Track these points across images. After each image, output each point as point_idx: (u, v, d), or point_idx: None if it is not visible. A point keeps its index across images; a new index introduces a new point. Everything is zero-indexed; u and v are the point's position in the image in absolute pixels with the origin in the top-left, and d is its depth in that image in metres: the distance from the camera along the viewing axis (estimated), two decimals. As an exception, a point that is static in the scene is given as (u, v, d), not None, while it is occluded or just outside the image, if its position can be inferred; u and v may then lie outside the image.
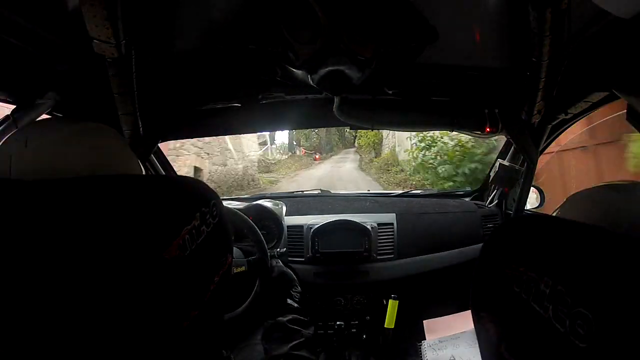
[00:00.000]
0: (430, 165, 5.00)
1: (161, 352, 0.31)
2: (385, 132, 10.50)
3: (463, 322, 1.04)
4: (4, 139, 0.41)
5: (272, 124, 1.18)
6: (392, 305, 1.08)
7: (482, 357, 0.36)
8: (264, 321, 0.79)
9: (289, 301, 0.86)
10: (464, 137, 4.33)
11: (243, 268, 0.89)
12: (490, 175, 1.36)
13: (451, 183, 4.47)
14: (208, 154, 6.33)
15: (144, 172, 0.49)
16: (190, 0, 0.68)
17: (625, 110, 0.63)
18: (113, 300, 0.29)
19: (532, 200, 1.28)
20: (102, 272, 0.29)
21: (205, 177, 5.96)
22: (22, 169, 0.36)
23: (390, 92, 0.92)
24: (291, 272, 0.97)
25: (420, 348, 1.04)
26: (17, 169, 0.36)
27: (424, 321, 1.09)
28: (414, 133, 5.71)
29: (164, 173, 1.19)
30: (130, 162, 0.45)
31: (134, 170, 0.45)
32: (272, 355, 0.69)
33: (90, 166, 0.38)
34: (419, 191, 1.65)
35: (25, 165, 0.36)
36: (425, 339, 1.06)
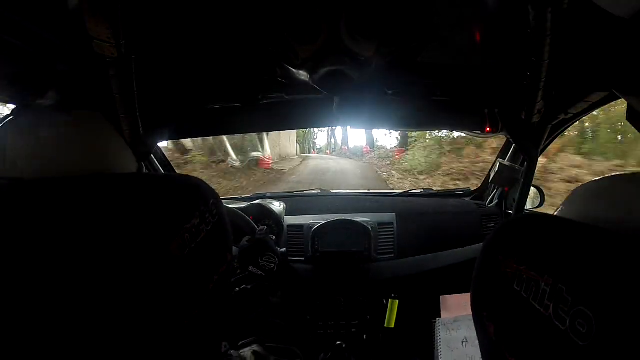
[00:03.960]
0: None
1: (161, 350, 0.31)
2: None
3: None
4: None
5: (272, 124, 1.18)
6: (392, 305, 1.08)
7: (482, 355, 0.36)
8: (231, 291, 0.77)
9: (252, 269, 0.83)
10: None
11: (236, 264, 0.88)
12: (490, 175, 1.37)
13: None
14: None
15: (135, 163, 0.49)
16: (190, 0, 0.68)
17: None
18: (113, 299, 0.29)
19: (532, 200, 1.28)
20: (101, 271, 0.29)
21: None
22: (16, 161, 0.36)
23: (390, 92, 0.92)
24: (268, 242, 0.92)
25: (433, 326, 1.01)
26: (11, 161, 0.36)
27: (441, 297, 1.06)
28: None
29: (163, 172, 1.20)
30: (125, 153, 0.45)
31: (128, 162, 0.45)
32: (241, 324, 0.67)
33: (86, 158, 0.38)
34: (419, 191, 1.65)
35: (20, 159, 0.36)
36: (439, 317, 1.03)
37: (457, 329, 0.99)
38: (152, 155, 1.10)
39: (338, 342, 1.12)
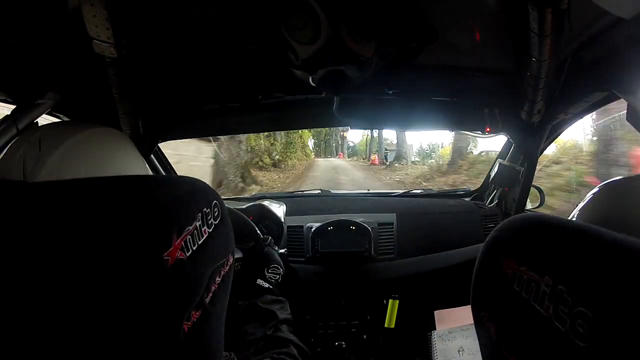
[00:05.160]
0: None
1: (163, 353, 0.31)
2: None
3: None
4: (11, 142, 0.42)
5: (272, 124, 1.18)
6: (392, 305, 1.08)
7: (482, 356, 0.36)
8: (237, 303, 0.77)
9: (259, 282, 0.83)
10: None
11: (238, 267, 0.88)
12: (490, 175, 1.37)
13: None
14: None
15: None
16: (190, 0, 0.68)
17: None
18: (112, 303, 0.28)
19: (532, 200, 1.28)
20: (101, 276, 0.28)
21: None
22: (35, 174, 0.36)
23: (391, 92, 0.92)
24: (273, 254, 0.93)
25: (429, 338, 1.04)
26: (31, 173, 0.37)
27: (435, 311, 1.08)
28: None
29: (164, 173, 1.19)
30: (141, 166, 0.46)
31: (142, 173, 0.46)
32: (250, 339, 0.67)
33: (103, 171, 0.39)
34: (419, 191, 1.65)
35: (39, 171, 0.37)
36: (434, 330, 1.05)
37: (452, 340, 1.01)
38: (152, 155, 1.10)
39: (338, 342, 1.12)
